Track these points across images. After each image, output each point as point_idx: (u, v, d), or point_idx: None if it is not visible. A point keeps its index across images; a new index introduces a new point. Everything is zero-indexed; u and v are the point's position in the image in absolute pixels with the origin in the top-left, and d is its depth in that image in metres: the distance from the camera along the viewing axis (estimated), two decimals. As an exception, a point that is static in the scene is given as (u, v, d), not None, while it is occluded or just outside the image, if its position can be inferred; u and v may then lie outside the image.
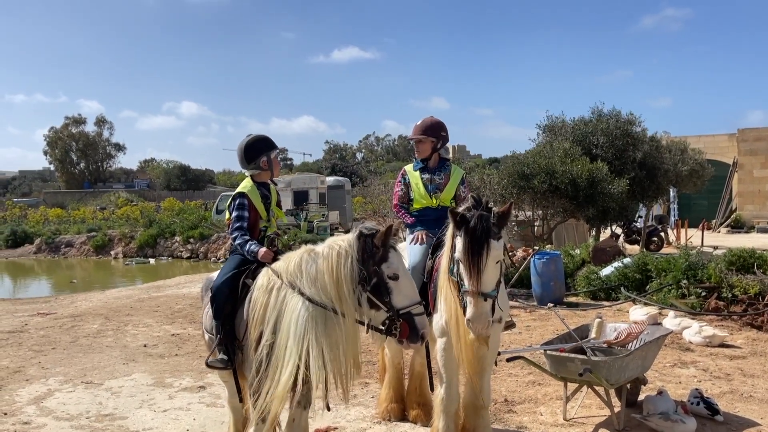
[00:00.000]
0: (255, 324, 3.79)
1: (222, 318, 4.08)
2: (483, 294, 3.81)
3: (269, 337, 3.68)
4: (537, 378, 6.34)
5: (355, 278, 3.59)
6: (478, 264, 3.82)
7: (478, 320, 3.80)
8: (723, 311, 9.05)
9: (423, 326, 3.57)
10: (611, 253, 12.17)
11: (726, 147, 28.15)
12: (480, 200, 4.03)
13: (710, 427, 5.11)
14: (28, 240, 28.11)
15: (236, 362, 4.08)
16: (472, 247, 3.84)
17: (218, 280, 4.21)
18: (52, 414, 5.89)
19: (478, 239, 3.84)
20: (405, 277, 3.62)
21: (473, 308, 3.81)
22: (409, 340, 3.57)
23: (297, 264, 3.75)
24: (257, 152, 4.43)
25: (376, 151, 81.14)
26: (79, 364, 7.67)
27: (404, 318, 3.54)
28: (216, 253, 23.23)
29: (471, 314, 3.82)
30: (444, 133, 5.12)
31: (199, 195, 49.39)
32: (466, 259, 3.85)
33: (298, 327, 3.58)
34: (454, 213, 3.98)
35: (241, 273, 4.13)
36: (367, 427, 5.33)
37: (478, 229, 3.85)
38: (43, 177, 79.68)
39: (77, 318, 10.85)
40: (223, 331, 4.07)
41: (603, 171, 13.47)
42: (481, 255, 3.82)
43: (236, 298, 4.08)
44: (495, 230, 3.89)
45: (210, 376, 6.80)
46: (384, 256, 3.59)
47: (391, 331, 3.58)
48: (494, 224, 3.91)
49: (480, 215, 3.90)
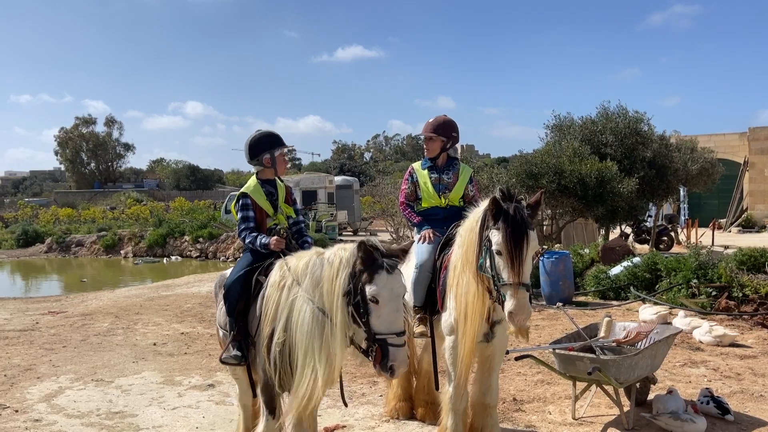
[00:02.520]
0: (267, 321, 3.81)
1: (235, 315, 4.12)
2: (524, 285, 3.78)
3: (281, 335, 3.71)
4: (546, 377, 6.33)
5: (344, 290, 3.53)
6: (520, 255, 3.77)
7: (521, 312, 3.74)
8: (733, 311, 8.99)
9: (395, 359, 3.38)
10: (620, 253, 12.11)
11: (737, 146, 27.95)
12: (510, 192, 3.97)
13: (720, 426, 5.08)
14: (39, 239, 28.30)
15: (249, 358, 4.11)
16: (513, 238, 3.79)
17: (231, 277, 4.26)
18: (63, 411, 5.93)
19: (518, 229, 3.80)
20: (388, 305, 3.43)
21: (515, 300, 3.74)
22: (380, 368, 3.42)
23: (305, 264, 3.76)
24: (261, 149, 4.43)
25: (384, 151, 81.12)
26: (90, 362, 7.72)
27: (379, 344, 3.41)
28: (225, 253, 23.29)
29: (513, 306, 3.74)
30: (455, 133, 5.09)
31: (208, 195, 49.61)
32: (507, 250, 3.79)
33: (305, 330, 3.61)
34: (496, 203, 3.87)
35: (254, 270, 4.16)
36: (375, 426, 5.33)
37: (519, 220, 3.82)
38: (53, 177, 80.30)
39: (88, 317, 10.92)
40: (237, 327, 4.10)
41: (612, 170, 13.41)
42: (522, 246, 3.78)
43: (249, 295, 4.11)
44: (530, 221, 3.88)
45: (219, 374, 6.83)
46: (369, 278, 3.45)
47: (367, 352, 3.50)
48: (529, 215, 3.90)
49: (517, 206, 3.87)
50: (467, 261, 4.15)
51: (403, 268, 5.14)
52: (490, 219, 3.94)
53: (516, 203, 3.89)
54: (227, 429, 5.35)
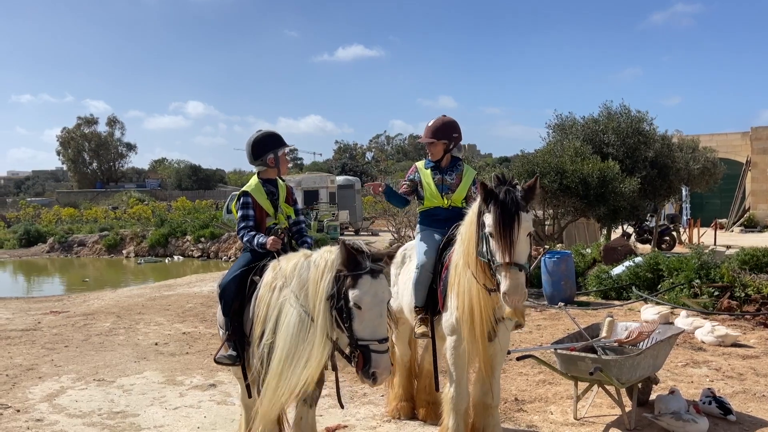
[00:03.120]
0: (258, 321, 3.81)
1: (230, 314, 4.11)
2: (517, 265, 3.79)
3: (269, 336, 3.70)
4: (547, 377, 6.32)
5: (328, 293, 3.49)
6: (510, 235, 3.79)
7: (514, 292, 3.74)
8: (736, 311, 8.98)
9: (378, 366, 3.33)
10: (622, 252, 12.10)
11: (739, 145, 27.90)
12: (504, 178, 4.02)
13: (723, 426, 5.07)
14: (41, 239, 28.36)
15: (245, 359, 4.11)
16: (503, 219, 3.82)
17: (227, 277, 4.25)
18: (65, 411, 5.94)
19: (508, 210, 3.83)
20: (371, 311, 3.37)
21: (508, 280, 3.75)
22: (362, 374, 3.39)
23: (294, 265, 3.75)
24: (264, 149, 4.43)
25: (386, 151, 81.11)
26: (92, 362, 7.73)
27: (361, 350, 3.37)
28: (227, 252, 23.31)
29: (506, 286, 3.75)
30: (456, 133, 5.03)
31: (210, 195, 49.67)
32: (497, 230, 3.82)
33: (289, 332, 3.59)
34: (484, 186, 3.93)
35: (249, 270, 4.15)
36: (376, 425, 5.33)
37: (508, 201, 3.85)
38: (56, 177, 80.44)
39: (89, 316, 10.94)
40: (232, 327, 4.10)
41: (614, 170, 13.40)
42: (513, 226, 3.80)
43: (244, 295, 4.10)
44: (523, 203, 3.90)
45: (221, 374, 6.83)
46: (353, 282, 3.40)
47: (350, 358, 3.46)
48: (522, 197, 3.92)
49: (508, 189, 3.91)
50: (468, 256, 4.15)
51: (403, 269, 5.17)
52: (482, 204, 3.98)
53: (508, 186, 3.93)
54: (229, 429, 5.35)
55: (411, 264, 5.02)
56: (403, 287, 5.05)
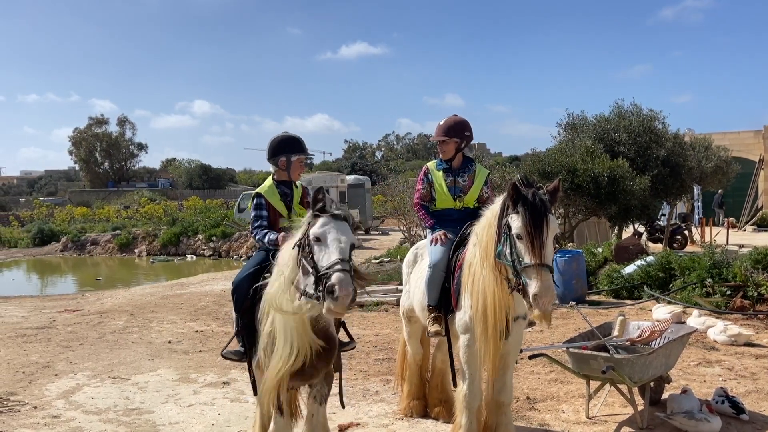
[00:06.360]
0: (265, 316, 3.87)
1: (241, 311, 4.18)
2: (547, 266, 3.78)
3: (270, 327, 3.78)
4: (559, 376, 6.33)
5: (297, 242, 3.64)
6: (541, 236, 3.80)
7: (546, 293, 3.70)
8: (749, 310, 8.93)
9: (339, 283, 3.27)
10: (634, 252, 12.06)
11: (752, 144, 27.67)
12: (528, 180, 4.03)
13: (735, 426, 5.06)
14: (54, 238, 28.64)
15: (254, 357, 4.16)
16: (534, 220, 3.82)
17: (240, 274, 4.34)
18: (81, 408, 6.02)
19: (539, 212, 3.84)
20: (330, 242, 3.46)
21: (540, 281, 3.71)
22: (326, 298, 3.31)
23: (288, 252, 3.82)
24: (281, 150, 4.55)
25: (396, 150, 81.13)
26: (106, 359, 7.82)
27: (325, 278, 3.36)
28: (238, 251, 23.43)
29: (538, 288, 3.70)
30: (468, 132, 5.04)
31: (220, 194, 49.94)
32: (527, 232, 3.81)
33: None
34: (516, 189, 3.92)
35: (262, 269, 4.20)
36: (389, 423, 5.36)
37: (537, 203, 3.87)
38: (68, 176, 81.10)
39: (103, 315, 11.05)
40: (242, 323, 4.16)
41: (624, 168, 13.36)
42: (543, 227, 3.82)
43: (256, 293, 4.15)
44: (549, 205, 3.93)
45: (234, 372, 6.89)
46: (315, 221, 3.57)
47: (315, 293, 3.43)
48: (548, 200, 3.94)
49: (536, 191, 3.92)
50: (486, 257, 4.15)
51: (415, 268, 5.20)
52: (509, 205, 3.98)
53: (535, 188, 3.95)
54: (243, 426, 5.41)
55: (423, 263, 5.04)
56: (415, 286, 5.08)
